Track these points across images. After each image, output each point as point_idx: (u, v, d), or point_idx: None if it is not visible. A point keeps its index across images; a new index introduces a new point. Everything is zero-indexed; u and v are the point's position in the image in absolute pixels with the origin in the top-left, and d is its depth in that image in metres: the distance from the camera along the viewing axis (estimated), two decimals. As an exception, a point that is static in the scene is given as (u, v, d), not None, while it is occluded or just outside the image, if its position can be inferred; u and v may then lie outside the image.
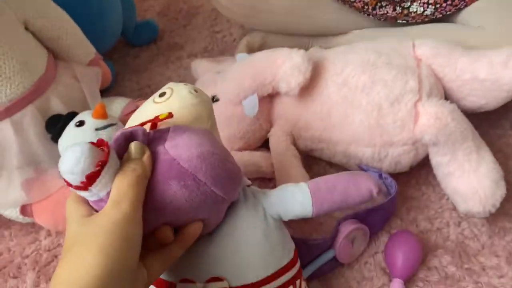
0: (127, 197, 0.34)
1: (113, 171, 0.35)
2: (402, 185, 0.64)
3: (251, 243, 0.42)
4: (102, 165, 0.34)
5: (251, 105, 0.62)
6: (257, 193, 0.46)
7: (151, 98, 0.47)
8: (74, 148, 0.33)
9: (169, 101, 0.44)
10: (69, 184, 0.34)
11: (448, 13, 0.69)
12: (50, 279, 0.59)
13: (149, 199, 0.36)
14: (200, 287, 0.41)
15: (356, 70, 0.60)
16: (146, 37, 0.93)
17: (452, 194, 0.59)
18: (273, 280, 0.42)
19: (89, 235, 0.33)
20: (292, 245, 0.46)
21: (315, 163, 0.68)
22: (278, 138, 0.64)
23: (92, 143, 0.34)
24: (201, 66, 0.78)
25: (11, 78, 0.58)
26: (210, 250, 0.42)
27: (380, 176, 0.60)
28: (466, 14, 0.68)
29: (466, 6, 0.68)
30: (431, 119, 0.55)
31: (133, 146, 0.37)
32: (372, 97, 0.58)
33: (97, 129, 0.59)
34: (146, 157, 0.37)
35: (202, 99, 0.45)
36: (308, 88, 0.61)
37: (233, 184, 0.40)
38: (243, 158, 0.64)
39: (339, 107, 0.60)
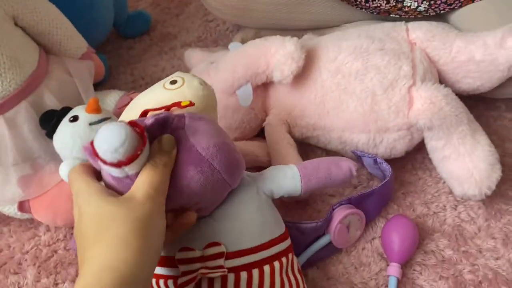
0: (160, 192, 0.37)
1: (146, 155, 0.37)
2: (398, 170, 0.64)
3: (247, 213, 0.45)
4: (141, 149, 0.36)
5: (246, 95, 0.62)
6: (251, 174, 0.50)
7: (159, 84, 0.48)
8: (119, 130, 0.35)
9: (181, 89, 0.46)
10: (101, 160, 0.35)
11: (442, 11, 0.68)
12: (50, 274, 0.60)
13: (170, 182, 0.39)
14: (199, 254, 0.43)
15: (349, 56, 0.60)
16: (139, 28, 0.92)
17: (448, 178, 0.59)
18: (267, 248, 0.45)
19: (128, 221, 0.34)
20: (283, 224, 0.49)
21: (310, 150, 0.68)
22: (273, 127, 0.64)
23: (129, 123, 0.36)
24: (194, 56, 0.78)
25: (2, 75, 0.58)
26: (209, 221, 0.45)
27: (375, 161, 0.60)
28: (459, 15, 0.68)
29: (460, 6, 0.67)
30: (425, 104, 0.55)
31: (166, 139, 0.39)
32: (365, 83, 0.58)
33: (91, 124, 0.58)
34: (175, 152, 0.39)
35: (210, 91, 0.48)
36: (302, 76, 0.61)
37: (239, 173, 0.44)
38: (239, 148, 0.64)
39: (333, 94, 0.60)
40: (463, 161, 0.56)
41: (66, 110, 0.61)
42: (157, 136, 0.39)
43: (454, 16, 0.69)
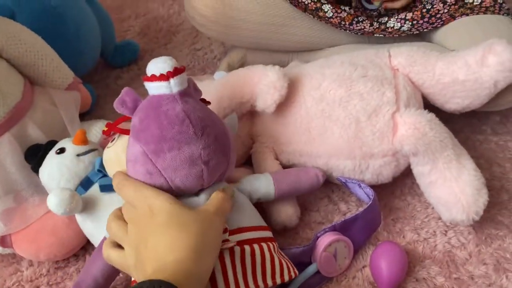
0: (225, 214, 0.47)
1: (186, 79, 0.47)
2: (387, 196, 0.64)
3: (240, 198, 0.53)
4: (184, 69, 0.47)
5: (231, 124, 0.62)
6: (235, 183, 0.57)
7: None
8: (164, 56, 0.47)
9: None
10: (152, 77, 0.46)
11: (425, 30, 0.69)
12: (32, 310, 0.57)
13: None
14: None
15: (333, 84, 0.60)
16: (127, 58, 0.92)
17: (436, 203, 0.58)
18: (260, 230, 0.52)
19: (203, 224, 0.43)
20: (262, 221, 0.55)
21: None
22: (260, 154, 0.64)
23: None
24: None
25: (-16, 107, 0.57)
26: None
27: (359, 185, 0.59)
28: (443, 33, 0.69)
29: (443, 25, 0.68)
30: (410, 130, 0.55)
31: (228, 188, 0.51)
32: (349, 110, 0.58)
33: (78, 155, 0.58)
34: (233, 200, 0.50)
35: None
36: (286, 103, 0.61)
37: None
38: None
39: (318, 121, 0.60)
40: (449, 186, 0.56)
41: (51, 143, 0.61)
42: None
43: (437, 34, 0.70)
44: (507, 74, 0.57)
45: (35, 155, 0.60)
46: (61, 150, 0.59)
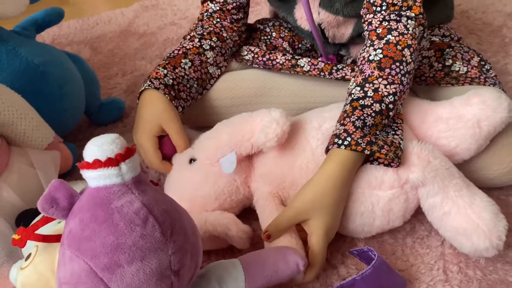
0: None
1: (139, 162, 0.38)
2: (387, 257, 0.60)
3: None
4: (134, 150, 0.38)
5: (229, 162, 0.60)
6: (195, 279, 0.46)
7: None
8: (107, 134, 0.38)
9: None
10: (95, 163, 0.35)
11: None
12: None
13: None
14: None
15: (334, 124, 0.60)
16: (112, 116, 0.90)
17: (453, 236, 0.56)
18: None
19: None
20: None
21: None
22: (266, 201, 0.61)
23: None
24: None
25: (-46, 170, 0.53)
26: None
27: (362, 250, 0.56)
28: (428, 93, 0.69)
29: (427, 85, 0.69)
30: (414, 160, 0.55)
31: None
32: None
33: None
34: None
35: None
36: (289, 145, 0.61)
37: None
38: (213, 216, 0.59)
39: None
40: (465, 214, 0.54)
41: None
42: None
43: (423, 90, 0.70)
44: (489, 113, 0.58)
45: (25, 221, 0.56)
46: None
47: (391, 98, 0.57)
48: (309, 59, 0.71)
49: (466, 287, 0.56)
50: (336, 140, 0.56)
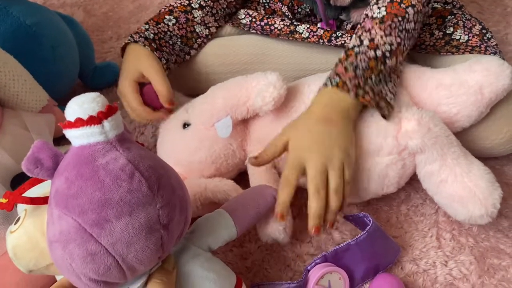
0: None
1: (121, 120, 0.38)
2: (382, 224, 0.61)
3: (200, 282, 0.44)
4: (117, 108, 0.37)
5: (224, 126, 0.60)
6: (186, 235, 0.47)
7: None
8: (88, 93, 0.37)
9: None
10: (77, 121, 0.35)
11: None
12: None
13: None
14: None
15: None
16: (106, 80, 0.88)
17: (449, 203, 0.56)
18: None
19: None
20: (232, 272, 0.48)
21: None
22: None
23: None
24: None
25: None
26: None
27: (358, 215, 0.56)
28: (425, 60, 0.68)
29: (426, 53, 0.68)
30: (415, 125, 0.55)
31: (168, 259, 0.42)
32: None
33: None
34: (175, 271, 0.42)
35: None
36: (285, 109, 0.60)
37: None
38: (213, 183, 0.59)
39: None
40: (462, 182, 0.54)
41: None
42: None
43: (419, 57, 0.69)
44: (492, 79, 0.58)
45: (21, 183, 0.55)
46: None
47: (387, 47, 0.57)
48: (308, 26, 0.70)
49: (458, 254, 0.57)
50: (326, 81, 0.56)
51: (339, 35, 0.68)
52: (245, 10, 0.75)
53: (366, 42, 0.57)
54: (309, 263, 0.52)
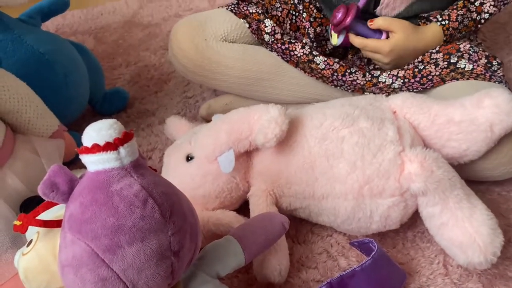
0: None
1: (136, 146, 0.39)
2: (388, 251, 0.60)
3: None
4: (132, 135, 0.38)
5: (227, 160, 0.60)
6: (195, 261, 0.46)
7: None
8: (105, 120, 0.38)
9: None
10: (94, 147, 0.36)
11: (415, 90, 0.69)
12: None
13: None
14: None
15: (335, 122, 0.59)
16: (116, 106, 0.90)
17: (449, 246, 0.55)
18: None
19: None
20: None
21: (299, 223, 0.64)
22: (258, 198, 0.61)
23: None
24: (175, 124, 0.75)
25: (-40, 156, 0.54)
26: None
27: (363, 241, 0.56)
28: (433, 94, 0.68)
29: (432, 87, 0.68)
30: (417, 168, 0.54)
31: (177, 287, 0.42)
32: (353, 148, 0.57)
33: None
34: None
35: None
36: (288, 143, 0.60)
37: None
38: (215, 216, 0.60)
39: (322, 160, 0.58)
40: (463, 227, 0.53)
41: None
42: None
43: (430, 94, 0.69)
44: (503, 117, 0.57)
45: (30, 206, 0.56)
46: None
47: (486, 16, 0.68)
48: (325, 58, 0.72)
49: (465, 281, 0.56)
50: (438, 17, 0.68)
51: (353, 71, 0.70)
52: (272, 23, 0.74)
53: (477, 3, 0.68)
54: (317, 289, 0.52)
